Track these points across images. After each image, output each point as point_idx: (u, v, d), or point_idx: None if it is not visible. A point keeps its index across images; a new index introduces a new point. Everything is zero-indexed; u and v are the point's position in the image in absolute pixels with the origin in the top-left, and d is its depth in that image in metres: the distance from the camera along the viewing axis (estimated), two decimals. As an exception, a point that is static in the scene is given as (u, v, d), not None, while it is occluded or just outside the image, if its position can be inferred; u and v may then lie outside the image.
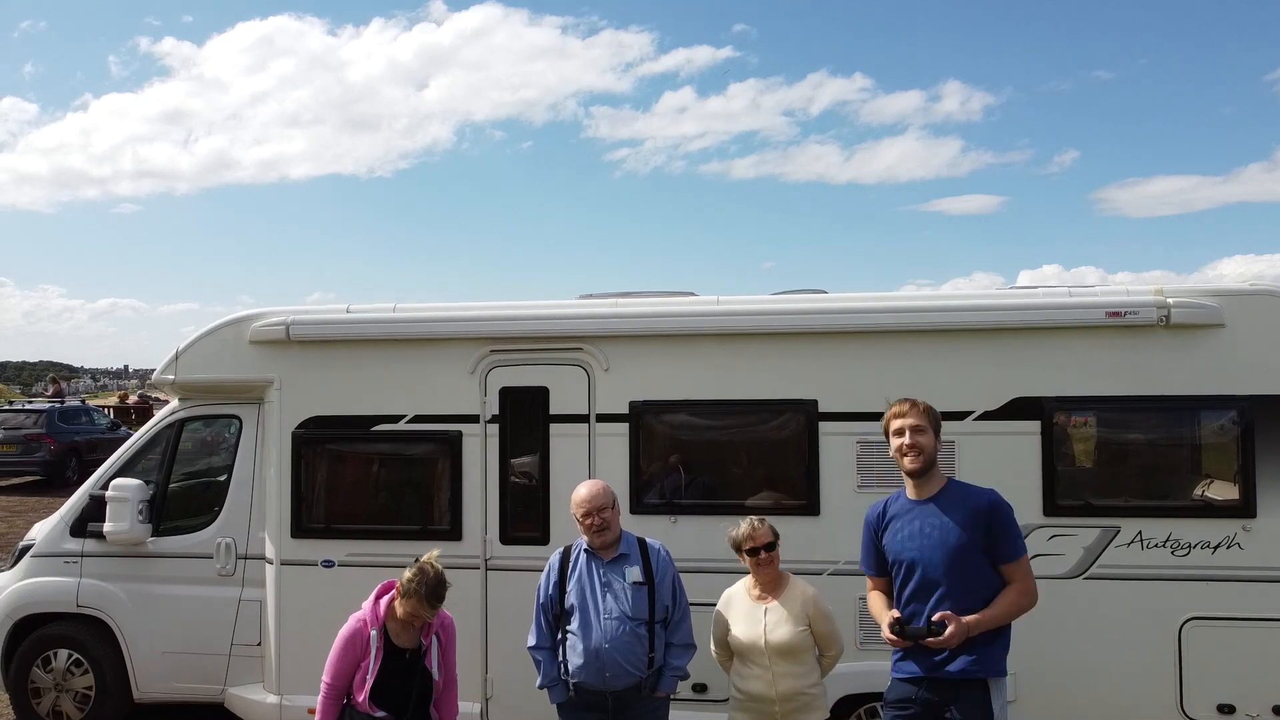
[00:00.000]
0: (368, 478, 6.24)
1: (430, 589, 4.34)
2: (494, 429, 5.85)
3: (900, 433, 3.98)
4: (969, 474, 4.80)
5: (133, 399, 28.55)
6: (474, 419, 5.86)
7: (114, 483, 6.28)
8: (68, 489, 19.25)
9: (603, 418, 5.74)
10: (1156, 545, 5.22)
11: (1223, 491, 5.28)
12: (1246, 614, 5.12)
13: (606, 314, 5.80)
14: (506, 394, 5.85)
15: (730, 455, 5.87)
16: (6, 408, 20.68)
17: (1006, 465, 5.27)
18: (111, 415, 25.57)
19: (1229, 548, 5.16)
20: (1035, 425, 5.35)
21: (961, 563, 3.84)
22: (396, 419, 5.94)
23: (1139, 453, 5.54)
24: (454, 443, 5.86)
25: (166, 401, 6.87)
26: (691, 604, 4.73)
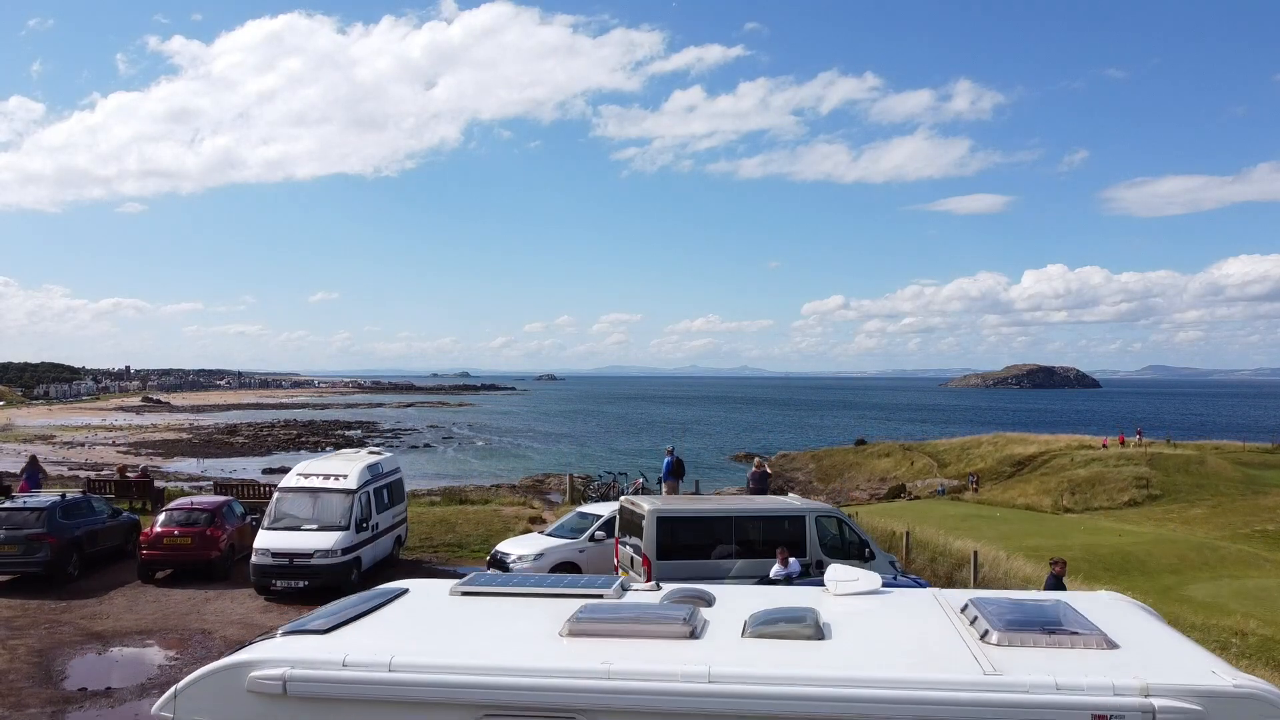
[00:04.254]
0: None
1: None
2: None
3: None
4: None
5: (133, 473, 28.57)
6: None
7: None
8: (68, 586, 19.43)
9: None
10: None
11: None
12: None
13: (600, 688, 5.81)
14: None
15: None
16: (8, 505, 20.69)
17: None
18: (113, 493, 25.65)
19: None
20: (1021, 822, 5.37)
21: None
22: None
23: None
24: None
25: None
26: None
